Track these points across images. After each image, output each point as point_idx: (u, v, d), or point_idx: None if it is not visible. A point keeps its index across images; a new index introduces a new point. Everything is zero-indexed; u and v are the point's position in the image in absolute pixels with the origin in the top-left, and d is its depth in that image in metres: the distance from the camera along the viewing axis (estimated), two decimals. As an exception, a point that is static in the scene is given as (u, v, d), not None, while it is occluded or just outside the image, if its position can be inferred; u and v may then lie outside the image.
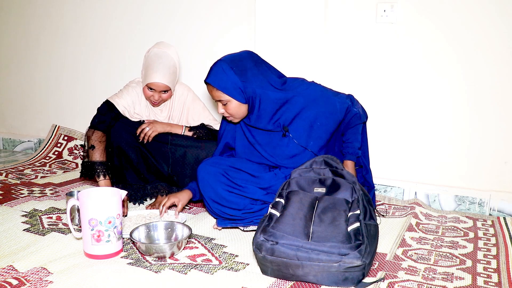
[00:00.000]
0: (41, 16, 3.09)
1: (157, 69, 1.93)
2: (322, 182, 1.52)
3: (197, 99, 2.17)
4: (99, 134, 1.97)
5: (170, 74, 1.96)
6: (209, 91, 1.68)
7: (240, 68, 1.62)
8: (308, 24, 2.25)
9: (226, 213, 1.71)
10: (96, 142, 1.96)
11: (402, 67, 2.16)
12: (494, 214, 2.07)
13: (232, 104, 1.65)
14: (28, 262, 1.45)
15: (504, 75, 1.99)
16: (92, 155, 1.95)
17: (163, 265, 1.45)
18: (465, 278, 1.41)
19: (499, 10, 1.96)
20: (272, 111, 1.68)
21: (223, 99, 1.64)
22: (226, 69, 1.61)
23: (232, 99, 1.63)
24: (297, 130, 1.71)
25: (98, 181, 1.94)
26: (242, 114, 1.69)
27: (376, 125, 2.23)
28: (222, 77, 1.61)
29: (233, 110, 1.66)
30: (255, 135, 1.77)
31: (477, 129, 2.07)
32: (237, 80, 1.61)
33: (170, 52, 1.99)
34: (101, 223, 1.46)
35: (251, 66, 1.64)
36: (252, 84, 1.63)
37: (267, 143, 1.75)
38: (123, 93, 2.05)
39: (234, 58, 1.65)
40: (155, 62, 1.95)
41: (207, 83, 1.65)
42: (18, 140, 3.29)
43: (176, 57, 2.02)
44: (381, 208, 2.10)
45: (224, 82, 1.61)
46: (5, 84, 3.33)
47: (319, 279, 1.32)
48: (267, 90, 1.65)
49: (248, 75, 1.62)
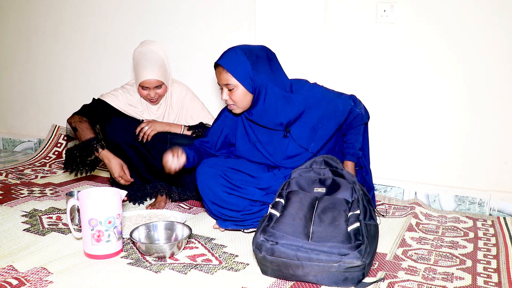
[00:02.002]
0: (42, 16, 3.09)
1: (145, 67, 1.94)
2: (322, 182, 1.52)
3: (196, 98, 2.17)
4: (76, 117, 1.98)
5: (158, 68, 1.96)
6: (217, 74, 1.63)
7: (253, 57, 1.60)
8: (308, 25, 2.25)
9: (225, 215, 1.71)
10: (76, 124, 1.95)
11: (402, 67, 2.16)
12: (494, 214, 2.07)
13: (238, 91, 1.61)
14: (28, 262, 1.45)
15: (504, 75, 2.00)
16: (80, 135, 1.92)
17: (163, 265, 1.45)
18: (465, 278, 1.41)
19: (498, 11, 1.96)
20: (276, 108, 1.66)
21: (230, 83, 1.60)
22: (240, 54, 1.59)
23: (239, 84, 1.60)
24: (299, 131, 1.70)
25: (99, 154, 1.91)
26: (246, 104, 1.65)
27: (376, 125, 2.23)
28: (235, 60, 1.59)
29: (238, 97, 1.62)
30: (256, 133, 1.75)
31: (477, 129, 2.07)
32: (248, 67, 1.58)
33: (154, 48, 1.99)
34: (101, 223, 1.46)
35: (263, 59, 1.63)
36: (262, 75, 1.60)
37: (268, 142, 1.74)
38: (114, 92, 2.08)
39: (249, 47, 1.64)
40: (141, 60, 1.95)
41: (217, 64, 1.62)
42: (18, 140, 3.29)
43: (161, 51, 2.00)
44: (381, 208, 2.10)
45: (236, 66, 1.58)
46: (5, 84, 3.33)
47: (319, 279, 1.32)
48: (275, 86, 1.63)
49: (259, 66, 1.61)
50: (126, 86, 2.12)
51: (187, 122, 2.12)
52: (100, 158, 1.93)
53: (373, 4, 2.16)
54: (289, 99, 1.66)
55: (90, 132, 1.92)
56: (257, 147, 1.76)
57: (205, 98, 2.50)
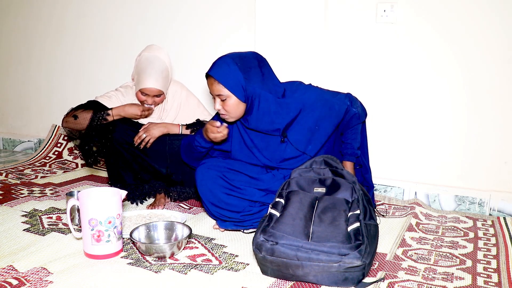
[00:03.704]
0: (42, 16, 3.09)
1: (150, 75, 1.94)
2: (322, 182, 1.52)
3: (191, 95, 2.17)
4: (68, 114, 2.00)
5: (162, 78, 1.97)
6: (209, 84, 1.63)
7: (244, 66, 1.59)
8: (308, 25, 2.25)
9: (225, 216, 1.71)
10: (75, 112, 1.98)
11: (402, 67, 2.16)
12: (494, 214, 2.07)
13: (231, 101, 1.61)
14: (28, 262, 1.45)
15: (504, 75, 2.00)
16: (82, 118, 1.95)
17: (163, 265, 1.45)
18: (465, 278, 1.41)
19: (497, 11, 1.96)
20: (270, 115, 1.64)
21: (222, 93, 1.59)
22: (231, 64, 1.58)
23: (232, 95, 1.59)
24: (296, 135, 1.69)
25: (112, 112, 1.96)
26: (239, 113, 1.65)
27: (376, 125, 2.23)
28: (226, 70, 1.58)
29: (231, 108, 1.62)
30: (253, 139, 1.74)
31: (477, 128, 2.07)
32: (240, 77, 1.58)
33: (162, 56, 2.00)
34: (101, 223, 1.46)
35: (255, 66, 1.61)
36: (254, 84, 1.59)
37: (265, 147, 1.73)
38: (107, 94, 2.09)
39: (240, 55, 1.62)
40: (147, 67, 1.95)
41: (209, 75, 1.61)
42: (18, 140, 3.29)
43: (168, 60, 2.02)
44: (381, 208, 2.10)
45: (227, 76, 1.58)
46: (5, 84, 3.33)
47: (319, 279, 1.32)
48: (268, 93, 1.62)
49: (251, 75, 1.60)
50: (120, 89, 2.12)
51: (184, 120, 2.12)
52: (116, 117, 1.97)
53: (373, 4, 2.16)
54: (283, 104, 1.65)
55: (89, 112, 1.96)
56: (254, 152, 1.74)
57: (205, 98, 2.50)
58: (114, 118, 1.97)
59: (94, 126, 1.94)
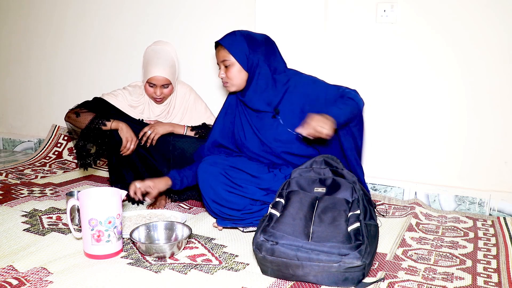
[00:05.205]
0: (42, 16, 3.09)
1: (156, 64, 1.96)
2: (322, 182, 1.52)
3: (199, 99, 2.19)
4: (72, 110, 2.01)
5: (169, 67, 1.98)
6: (216, 52, 1.74)
7: (251, 39, 1.70)
8: (308, 25, 2.25)
9: (225, 213, 1.71)
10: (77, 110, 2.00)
11: (402, 67, 2.16)
12: (494, 214, 2.07)
13: (234, 68, 1.69)
14: (28, 262, 1.45)
15: (504, 75, 2.00)
16: (83, 118, 1.97)
17: (163, 265, 1.45)
18: (465, 278, 1.41)
19: (497, 11, 1.96)
20: (265, 89, 1.70)
21: (227, 59, 1.69)
22: (239, 36, 1.70)
23: (235, 62, 1.68)
24: (287, 113, 1.71)
25: (111, 123, 1.97)
26: (240, 81, 1.72)
27: (376, 125, 2.23)
28: (233, 39, 1.70)
29: (233, 74, 1.70)
30: (251, 119, 1.79)
31: (477, 129, 2.07)
32: (245, 47, 1.68)
33: (167, 48, 2.02)
34: (101, 223, 1.46)
35: (261, 42, 1.71)
36: (257, 55, 1.68)
37: (260, 127, 1.76)
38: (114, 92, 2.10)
39: (250, 32, 1.74)
40: (154, 57, 1.97)
41: (217, 43, 1.72)
42: (18, 140, 3.29)
43: (174, 53, 2.04)
44: (381, 208, 2.10)
45: (233, 44, 1.68)
46: (5, 84, 3.33)
47: (319, 279, 1.32)
48: (268, 68, 1.70)
49: (256, 47, 1.69)
50: (128, 88, 2.13)
51: (190, 123, 2.13)
52: (113, 128, 1.98)
53: (373, 4, 2.16)
54: (278, 80, 1.72)
55: (91, 114, 1.98)
56: (256, 133, 1.78)
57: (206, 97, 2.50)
58: (111, 128, 1.98)
59: (92, 128, 1.96)
